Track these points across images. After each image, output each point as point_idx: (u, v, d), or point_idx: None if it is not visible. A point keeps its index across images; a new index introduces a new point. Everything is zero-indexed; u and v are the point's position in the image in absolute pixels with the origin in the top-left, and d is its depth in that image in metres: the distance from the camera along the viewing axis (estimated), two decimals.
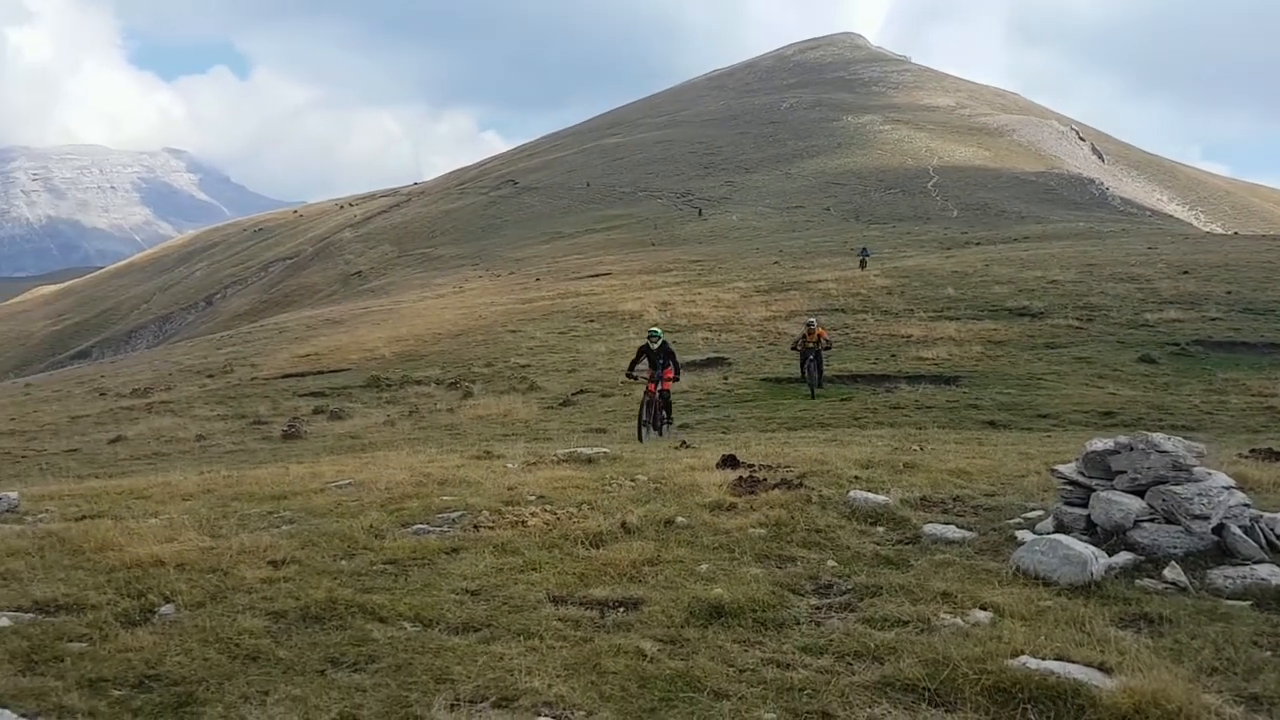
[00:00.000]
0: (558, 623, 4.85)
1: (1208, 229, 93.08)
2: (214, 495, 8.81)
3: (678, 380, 17.83)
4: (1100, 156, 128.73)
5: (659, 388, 17.07)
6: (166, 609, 4.97)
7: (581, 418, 21.90)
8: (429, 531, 6.75)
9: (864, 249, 47.96)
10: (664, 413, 17.38)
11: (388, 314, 49.28)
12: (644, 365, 17.75)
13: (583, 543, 6.30)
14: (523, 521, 6.93)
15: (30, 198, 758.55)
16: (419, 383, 28.98)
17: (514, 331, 37.27)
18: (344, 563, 5.93)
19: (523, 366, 30.15)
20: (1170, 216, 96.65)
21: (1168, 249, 45.02)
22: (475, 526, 6.87)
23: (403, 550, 6.17)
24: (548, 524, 6.87)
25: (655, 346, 17.50)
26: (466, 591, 5.37)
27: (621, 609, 5.13)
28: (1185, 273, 35.52)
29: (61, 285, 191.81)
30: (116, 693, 3.94)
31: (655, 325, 17.78)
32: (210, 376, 34.71)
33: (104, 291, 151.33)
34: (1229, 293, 31.55)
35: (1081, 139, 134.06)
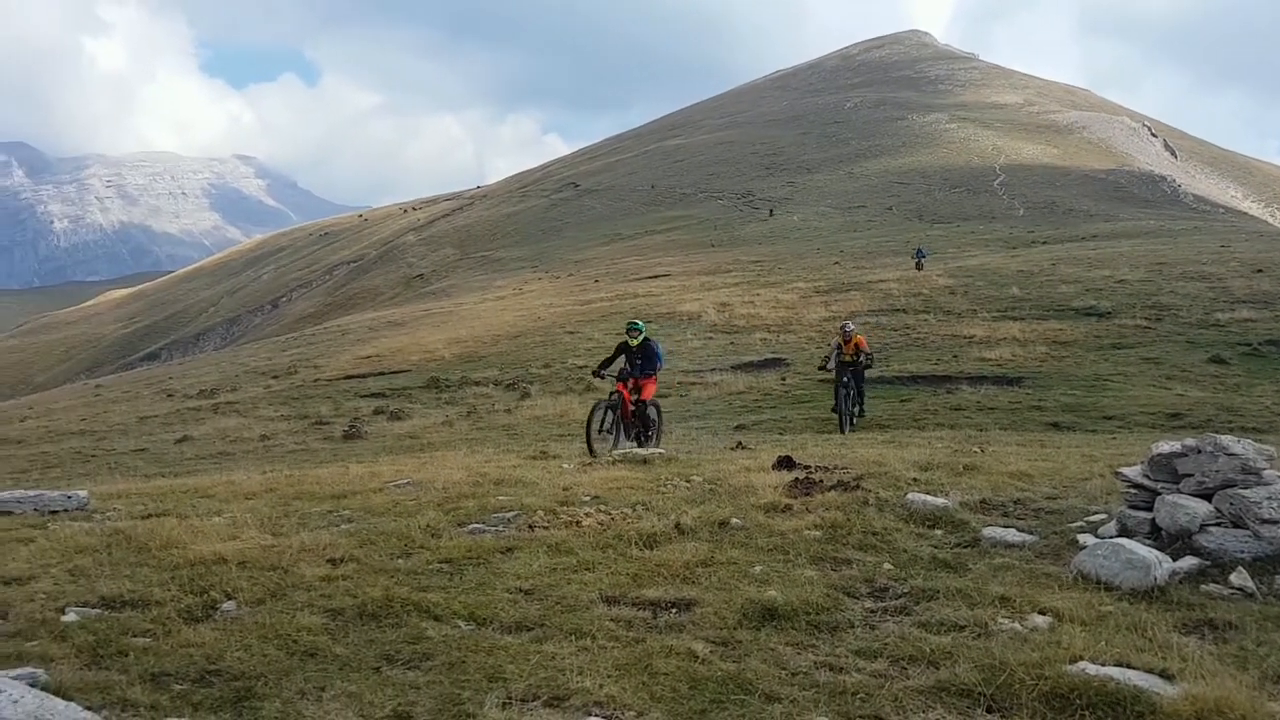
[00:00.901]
0: (610, 623, 4.86)
1: None
2: (276, 494, 8.98)
3: (658, 370, 14.22)
4: (1173, 153, 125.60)
5: (633, 397, 13.72)
6: (228, 605, 5.07)
7: None
8: (484, 531, 6.81)
9: (919, 249, 46.39)
10: (644, 429, 13.91)
11: (448, 316, 49.84)
12: (624, 368, 14.23)
13: (636, 543, 6.30)
14: (577, 522, 6.96)
15: (104, 204, 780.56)
16: (477, 384, 29.24)
17: (572, 333, 37.44)
18: (401, 561, 6.00)
19: (580, 367, 30.25)
20: (1245, 214, 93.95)
21: (1241, 247, 43.77)
22: (530, 526, 6.91)
23: (458, 549, 6.23)
24: (602, 524, 6.89)
25: (635, 343, 14.11)
26: (520, 591, 5.41)
27: (674, 610, 5.12)
28: (1259, 271, 34.49)
29: (132, 289, 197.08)
30: (178, 687, 4.03)
31: (638, 320, 14.63)
32: (275, 378, 35.39)
33: (173, 295, 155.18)
34: None
35: (1153, 135, 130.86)
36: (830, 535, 6.49)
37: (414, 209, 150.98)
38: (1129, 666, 3.98)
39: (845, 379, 18.29)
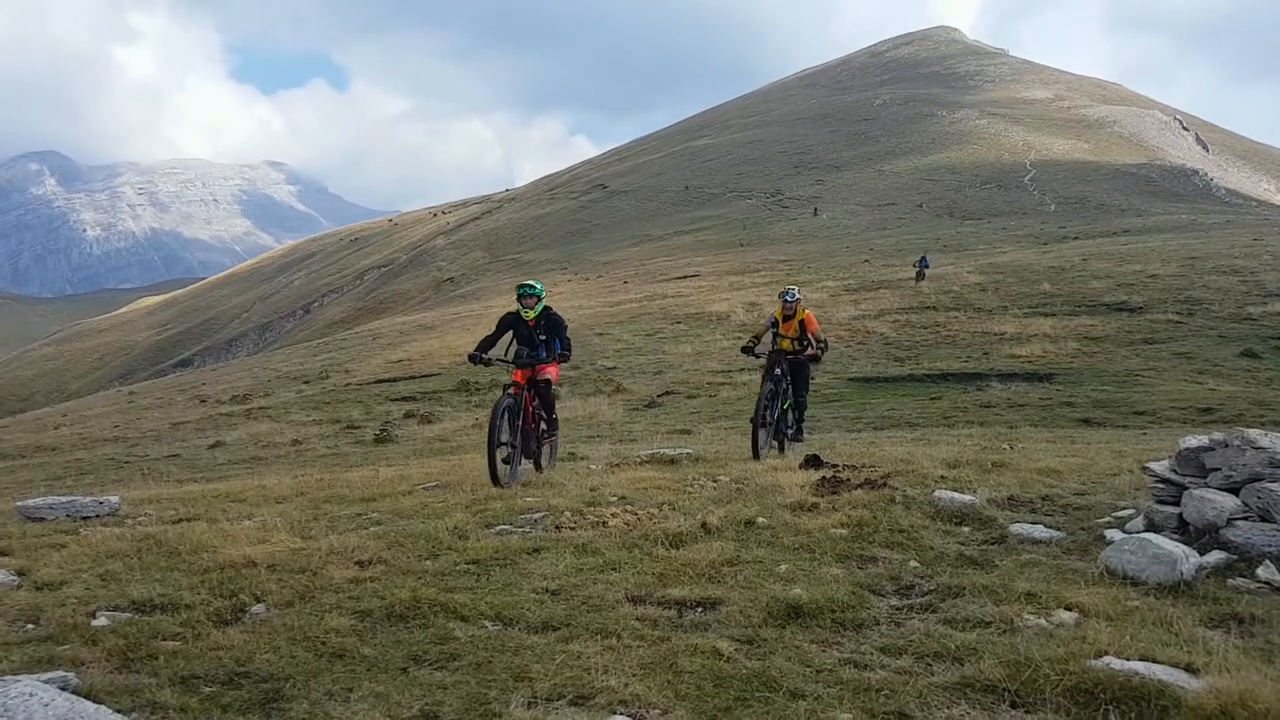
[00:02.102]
0: (635, 622, 4.89)
1: None
2: (306, 498, 9.10)
3: (565, 359, 10.41)
4: (1204, 147, 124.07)
5: (534, 379, 10.13)
6: (257, 608, 5.14)
7: (667, 419, 21.94)
8: (511, 532, 6.87)
9: (923, 258, 42.16)
10: (542, 427, 10.33)
11: (478, 319, 50.09)
12: (520, 351, 10.37)
13: (663, 543, 6.33)
14: (604, 522, 7.00)
15: (135, 211, 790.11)
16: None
17: (601, 334, 37.51)
18: (428, 563, 6.06)
19: (609, 369, 30.31)
20: (1278, 207, 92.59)
21: (1274, 240, 43.21)
22: (557, 527, 6.96)
23: (485, 551, 6.29)
24: (628, 524, 6.93)
25: (531, 315, 10.19)
26: (546, 591, 5.45)
27: (699, 609, 5.14)
28: None
29: (165, 296, 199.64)
30: (207, 689, 4.09)
31: (533, 280, 11.07)
32: (306, 382, 35.71)
33: (206, 301, 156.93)
34: None
35: (1185, 129, 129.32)
36: (856, 533, 6.49)
37: (443, 213, 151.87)
38: (1154, 661, 3.97)
39: (777, 373, 11.89)
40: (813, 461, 9.62)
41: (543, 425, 10.38)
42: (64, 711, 3.36)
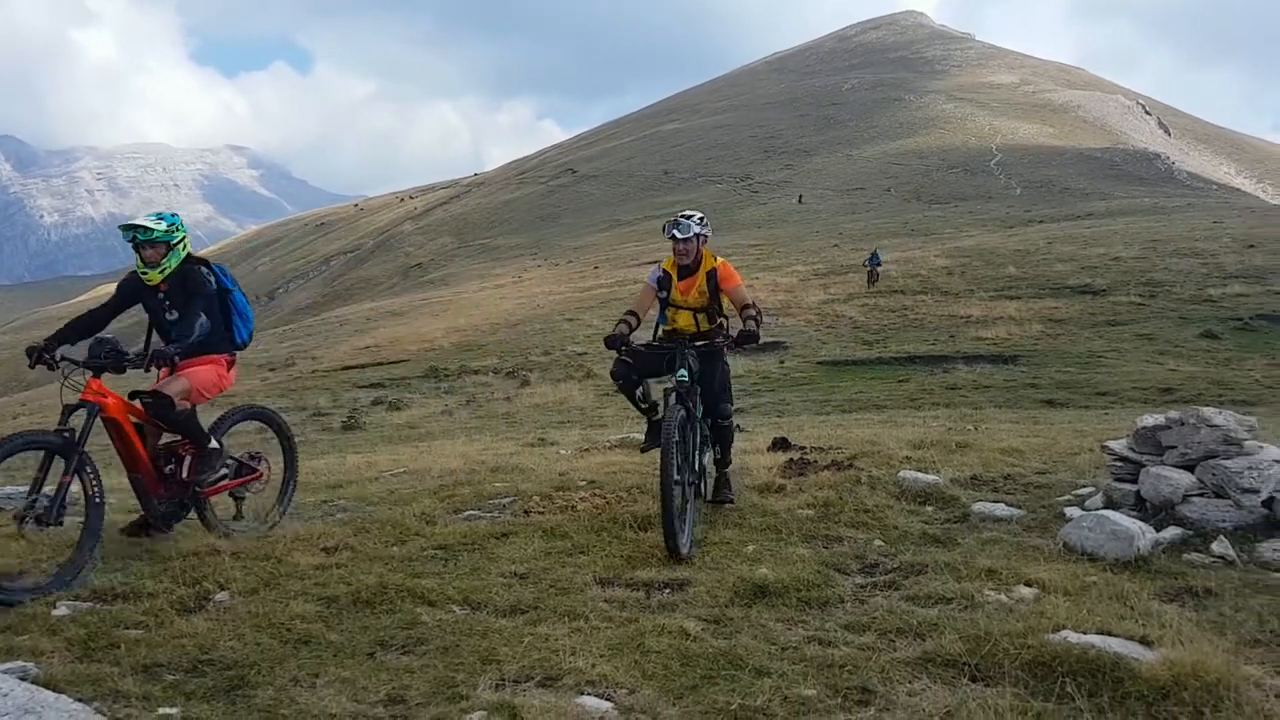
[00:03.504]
0: (603, 604, 4.93)
1: (1275, 202, 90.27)
2: None
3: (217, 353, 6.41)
4: (1167, 131, 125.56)
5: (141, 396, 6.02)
6: (221, 596, 5.11)
7: None
8: (480, 517, 6.87)
9: (872, 254, 38.17)
10: (184, 469, 6.23)
11: (447, 305, 49.88)
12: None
13: (631, 526, 6.36)
14: (572, 506, 7.02)
15: (94, 197, 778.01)
16: (476, 372, 29.29)
17: (571, 320, 37.49)
18: (395, 549, 6.06)
19: (579, 354, 30.32)
20: (1237, 190, 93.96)
21: (1233, 223, 43.89)
22: (526, 512, 6.98)
23: (453, 536, 6.29)
24: (597, 508, 6.96)
25: (157, 276, 6.22)
26: (515, 575, 5.47)
27: (667, 590, 5.19)
28: (1251, 246, 34.64)
29: None
30: (170, 677, 4.06)
31: (159, 212, 6.22)
32: (272, 370, 35.42)
33: None
34: None
35: (1147, 113, 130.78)
36: (823, 514, 6.57)
37: (410, 198, 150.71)
38: (1110, 634, 4.05)
39: (682, 376, 6.42)
40: (781, 444, 9.70)
41: (183, 466, 6.19)
42: (23, 701, 3.34)
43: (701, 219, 6.91)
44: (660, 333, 7.07)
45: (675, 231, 6.82)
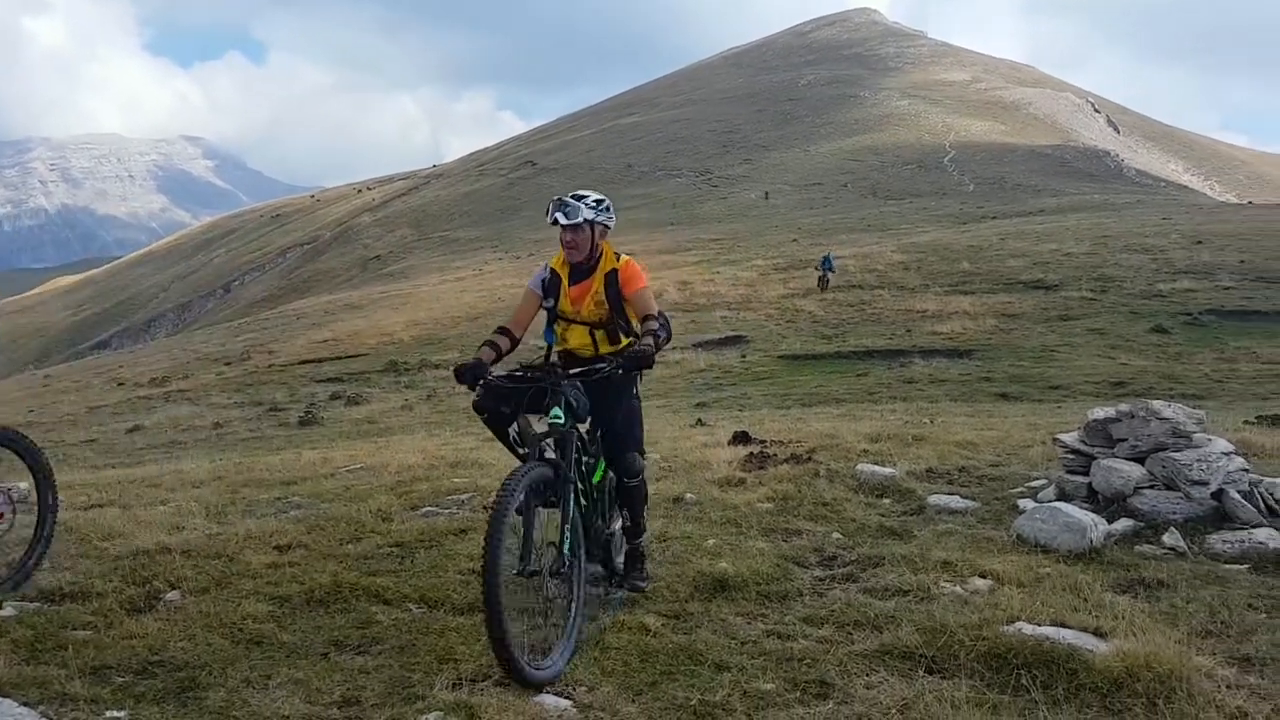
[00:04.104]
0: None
1: (1222, 199, 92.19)
2: (224, 482, 8.90)
3: None
4: (1116, 129, 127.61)
5: None
6: (172, 595, 5.01)
7: None
8: (438, 514, 6.81)
9: (824, 258, 36.33)
10: None
11: (406, 298, 49.45)
12: None
13: None
14: None
15: (47, 188, 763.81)
16: (437, 366, 29.09)
17: None
18: (350, 547, 5.98)
19: (542, 347, 30.21)
20: (1185, 187, 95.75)
21: (1182, 219, 44.69)
22: (484, 508, 6.90)
23: (410, 533, 6.22)
24: None
25: None
26: (473, 572, 5.39)
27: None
28: (1199, 243, 35.32)
29: (81, 275, 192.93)
30: (120, 679, 3.97)
31: None
32: (228, 364, 34.96)
33: (123, 281, 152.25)
34: (1242, 262, 31.39)
35: (1097, 111, 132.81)
36: (782, 507, 6.59)
37: (368, 189, 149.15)
38: (1064, 626, 4.11)
39: (556, 412, 4.58)
40: (741, 437, 9.73)
41: None
42: None
43: (600, 201, 5.02)
44: (551, 356, 5.26)
45: (559, 215, 4.89)
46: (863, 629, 4.37)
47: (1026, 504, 6.00)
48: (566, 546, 4.38)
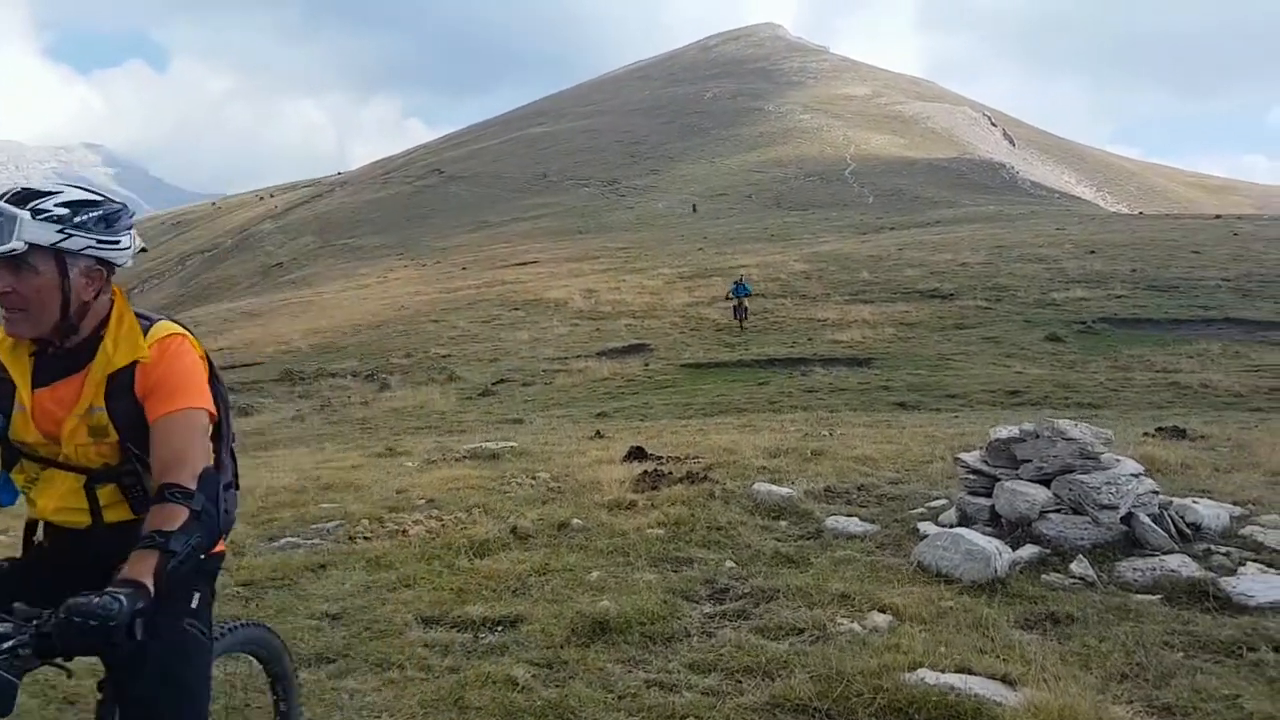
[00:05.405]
0: (423, 649, 4.38)
1: (1114, 210, 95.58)
2: None
3: None
4: (1011, 141, 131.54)
5: None
6: None
7: (500, 408, 21.40)
8: (298, 545, 6.21)
9: (738, 283, 31.07)
10: None
11: (307, 306, 48.06)
12: None
13: (466, 552, 5.84)
14: (404, 530, 6.42)
15: None
16: (334, 375, 28.17)
17: (436, 321, 36.54)
18: None
19: (443, 357, 29.52)
20: (1078, 198, 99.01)
21: (1075, 230, 45.89)
22: (350, 538, 6.35)
23: (262, 569, 5.62)
24: (431, 532, 6.38)
25: None
26: (326, 615, 4.87)
27: (499, 629, 4.68)
28: (1092, 252, 36.21)
29: None
30: None
31: None
32: None
33: None
34: (1134, 271, 32.23)
35: (993, 125, 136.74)
36: (674, 533, 6.16)
37: (271, 196, 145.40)
38: (970, 672, 3.75)
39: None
40: (636, 453, 9.30)
41: None
42: None
43: (79, 207, 2.35)
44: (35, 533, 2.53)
45: None
46: (753, 676, 3.96)
47: (927, 527, 5.67)
48: None
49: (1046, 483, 5.50)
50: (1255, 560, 4.98)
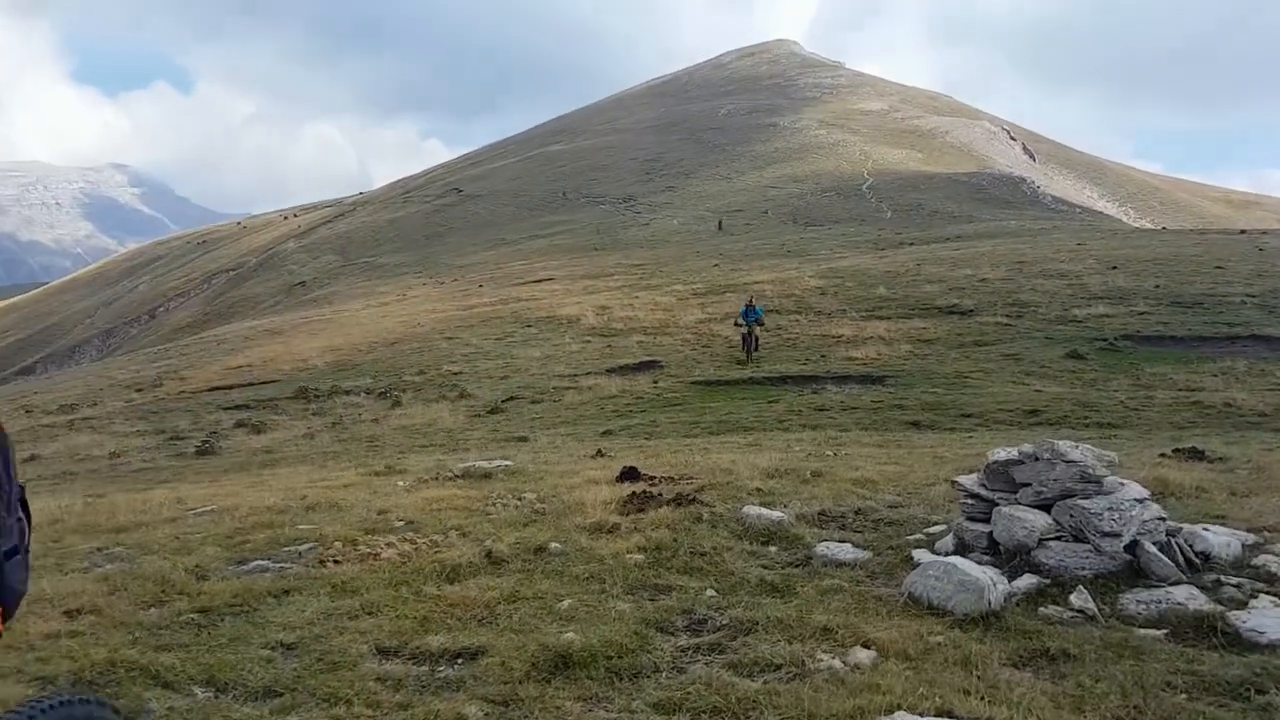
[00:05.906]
0: (374, 683, 4.13)
1: (1137, 224, 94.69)
2: (59, 527, 7.94)
3: None
4: (1031, 156, 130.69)
5: None
6: None
7: (508, 425, 21.18)
8: (266, 569, 5.97)
9: (749, 306, 28.50)
10: None
11: (326, 323, 48.15)
12: None
13: (435, 578, 5.58)
14: (375, 554, 6.17)
15: None
16: (348, 392, 28.07)
17: (450, 338, 36.43)
18: (150, 612, 5.14)
19: (455, 374, 29.37)
20: (1100, 213, 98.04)
21: (1097, 245, 45.28)
22: (321, 561, 6.10)
23: (223, 595, 5.38)
24: (403, 555, 6.13)
25: None
26: (281, 645, 4.62)
27: (458, 661, 4.42)
28: (1114, 268, 35.64)
29: (5, 302, 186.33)
30: None
31: None
32: (139, 390, 33.47)
33: (48, 307, 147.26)
34: (1157, 287, 31.65)
35: (1013, 139, 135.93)
36: (654, 558, 5.88)
37: (294, 215, 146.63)
38: (950, 715, 3.45)
39: None
40: (629, 474, 9.01)
41: None
42: None
43: None
44: None
45: None
46: (720, 717, 3.68)
47: (922, 555, 5.34)
48: None
49: (1047, 508, 5.16)
50: (1268, 593, 4.63)
